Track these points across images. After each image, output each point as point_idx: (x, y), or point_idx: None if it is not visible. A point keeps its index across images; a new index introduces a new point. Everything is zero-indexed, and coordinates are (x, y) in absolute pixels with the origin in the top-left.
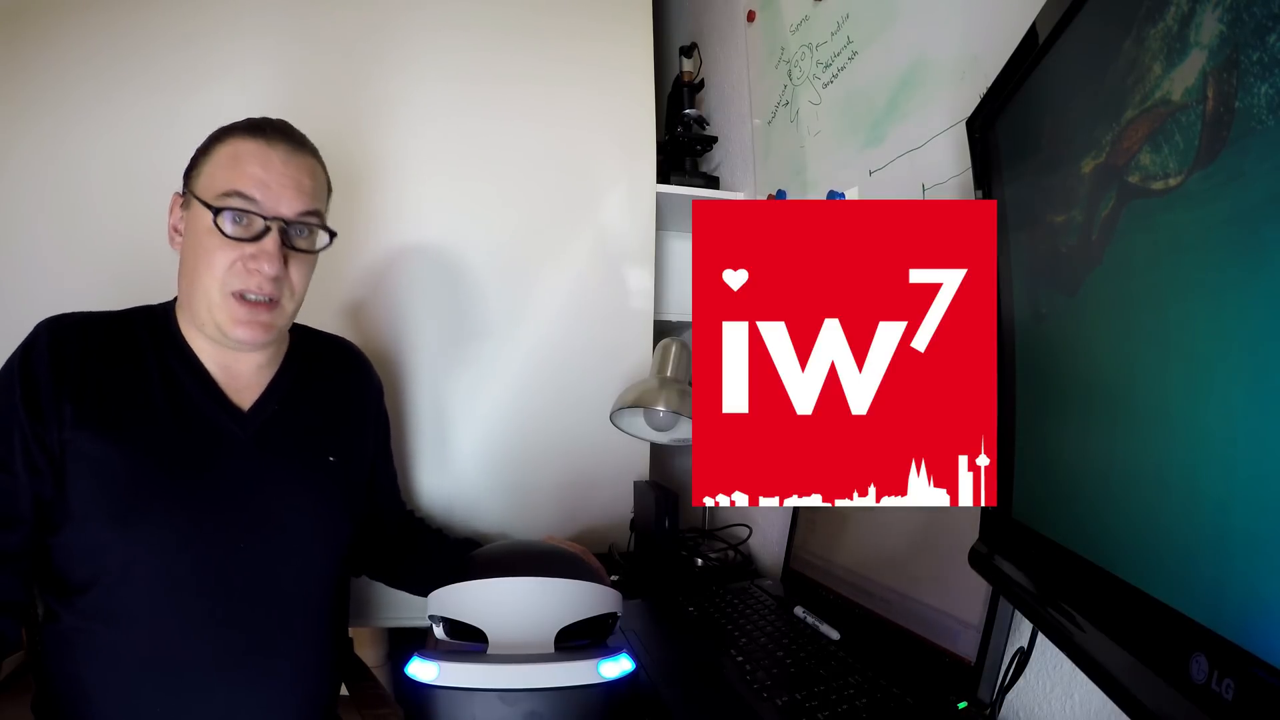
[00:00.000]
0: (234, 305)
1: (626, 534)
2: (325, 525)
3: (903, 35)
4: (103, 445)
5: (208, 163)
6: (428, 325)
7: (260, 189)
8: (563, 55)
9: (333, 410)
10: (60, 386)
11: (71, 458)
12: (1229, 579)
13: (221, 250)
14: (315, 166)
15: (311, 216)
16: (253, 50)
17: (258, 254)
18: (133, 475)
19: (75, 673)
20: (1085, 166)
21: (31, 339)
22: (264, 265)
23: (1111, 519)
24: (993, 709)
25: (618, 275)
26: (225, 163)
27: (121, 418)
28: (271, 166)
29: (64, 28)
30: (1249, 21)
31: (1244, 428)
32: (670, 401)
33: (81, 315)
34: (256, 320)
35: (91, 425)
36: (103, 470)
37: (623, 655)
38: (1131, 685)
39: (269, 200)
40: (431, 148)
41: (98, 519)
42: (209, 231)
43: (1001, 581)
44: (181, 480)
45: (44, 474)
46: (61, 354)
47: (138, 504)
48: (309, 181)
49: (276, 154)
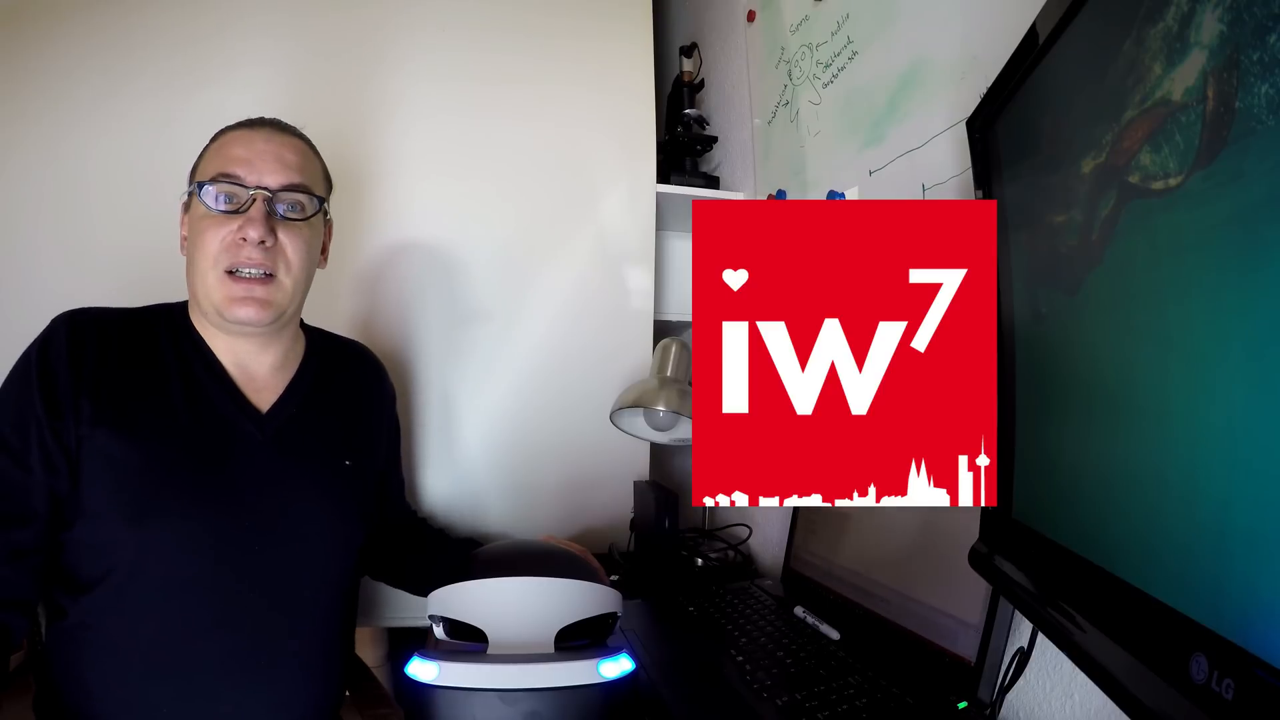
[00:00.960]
0: (228, 284)
1: (626, 534)
2: (339, 529)
3: (903, 35)
4: (120, 443)
5: (201, 161)
6: (427, 326)
7: (244, 166)
8: (563, 55)
9: (349, 414)
10: (79, 382)
11: (88, 454)
12: (1229, 579)
13: (212, 229)
14: (303, 147)
15: (298, 189)
16: (253, 50)
17: (243, 224)
18: (149, 473)
19: (80, 671)
20: (1085, 166)
21: (49, 332)
22: (249, 231)
23: (1111, 519)
24: (993, 709)
25: (618, 275)
26: (213, 154)
27: (139, 416)
28: (254, 145)
29: (64, 28)
30: (1249, 21)
31: (1244, 427)
32: (670, 401)
33: (99, 311)
34: (252, 296)
35: (109, 422)
36: (119, 468)
37: (623, 655)
38: (1131, 685)
39: (252, 174)
40: (431, 148)
41: (112, 516)
42: (201, 216)
43: (1001, 581)
44: (197, 480)
45: (60, 470)
46: (80, 349)
47: (153, 502)
48: (294, 157)
49: (259, 135)
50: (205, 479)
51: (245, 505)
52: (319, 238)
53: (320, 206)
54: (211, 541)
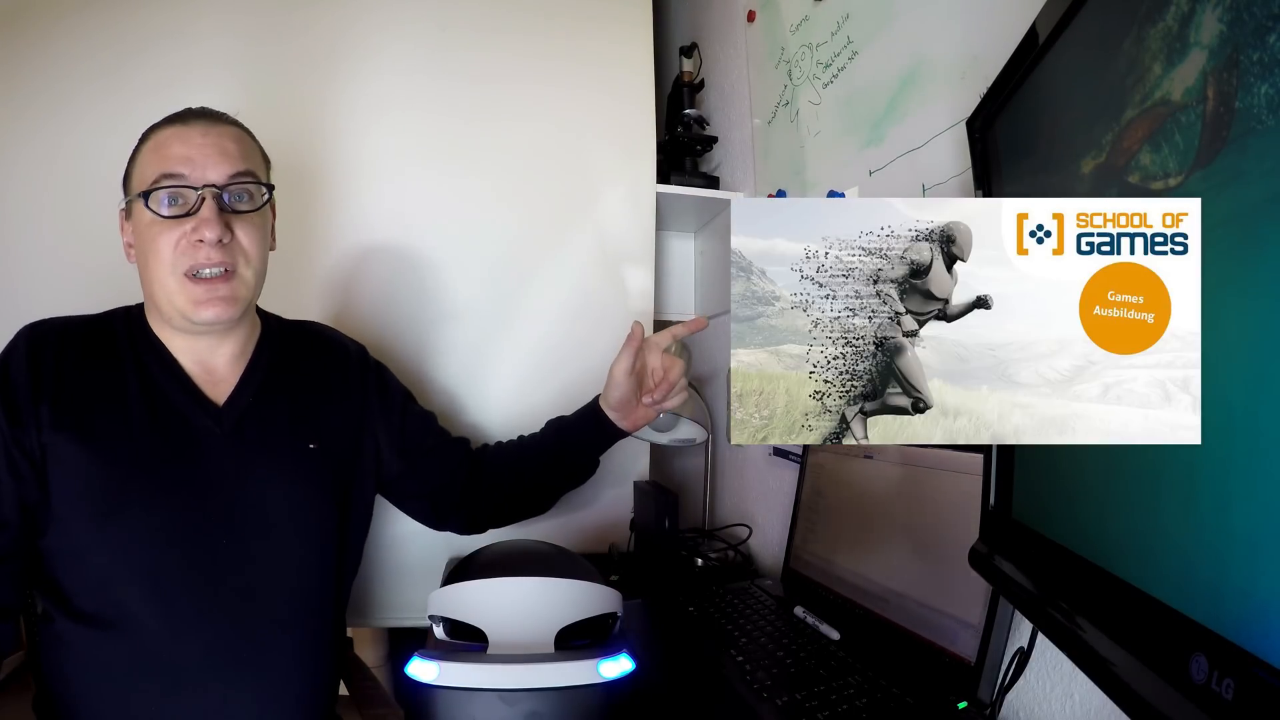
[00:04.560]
0: (189, 287)
1: (626, 534)
2: (309, 515)
3: (903, 35)
4: (80, 446)
5: (135, 165)
6: (427, 325)
7: (185, 164)
8: (562, 55)
9: (309, 396)
10: (38, 390)
11: (52, 461)
12: (1229, 579)
13: (164, 234)
14: (240, 134)
15: (244, 178)
16: (254, 51)
17: (197, 225)
18: (109, 475)
19: (70, 674)
20: (1085, 166)
21: (11, 346)
22: (205, 233)
23: (1111, 519)
24: (993, 709)
25: (617, 275)
26: (149, 156)
27: (98, 419)
28: (191, 141)
29: (64, 28)
30: (1249, 21)
31: (1243, 427)
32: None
33: (60, 320)
34: (215, 296)
35: (68, 426)
36: (81, 471)
37: (623, 655)
38: (1131, 685)
39: (195, 172)
40: (432, 148)
41: (78, 520)
42: (150, 222)
43: (1001, 581)
44: (158, 477)
45: (27, 478)
46: (38, 359)
47: (115, 504)
48: (234, 146)
49: (195, 130)
50: (166, 475)
51: (209, 498)
52: (268, 223)
53: (268, 192)
54: (179, 536)
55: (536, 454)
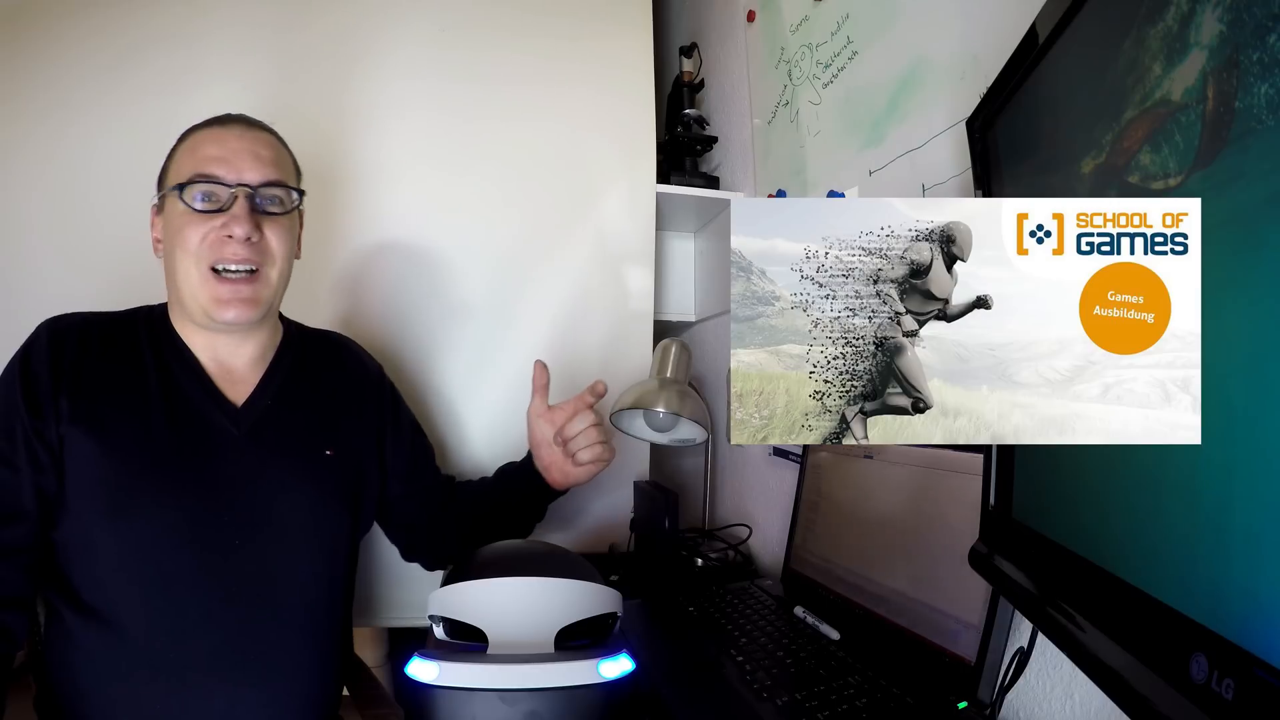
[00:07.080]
0: (214, 284)
1: (626, 534)
2: (322, 520)
3: (903, 35)
4: (96, 439)
5: (172, 163)
6: (427, 327)
7: (221, 165)
8: (563, 55)
9: (328, 403)
10: (58, 382)
11: (69, 452)
12: (1229, 579)
13: (194, 226)
14: (274, 142)
15: (277, 185)
16: (253, 50)
17: (228, 221)
18: (123, 471)
19: (74, 671)
20: (1085, 166)
21: (33, 338)
22: (235, 229)
23: (1111, 519)
24: (993, 709)
25: (618, 275)
26: (185, 155)
27: (115, 413)
28: (228, 143)
29: (64, 28)
30: (1249, 21)
31: (1243, 427)
32: (670, 403)
33: (82, 315)
34: (239, 297)
35: (85, 420)
36: (95, 465)
37: (623, 655)
38: (1132, 685)
39: (231, 173)
40: (432, 148)
41: (91, 514)
42: (181, 214)
43: (1001, 581)
44: (173, 474)
45: (46, 469)
46: (60, 351)
47: (129, 497)
48: (268, 152)
49: (232, 133)
50: (181, 474)
51: (223, 499)
52: (297, 230)
53: (298, 199)
54: (191, 536)
55: (490, 505)
